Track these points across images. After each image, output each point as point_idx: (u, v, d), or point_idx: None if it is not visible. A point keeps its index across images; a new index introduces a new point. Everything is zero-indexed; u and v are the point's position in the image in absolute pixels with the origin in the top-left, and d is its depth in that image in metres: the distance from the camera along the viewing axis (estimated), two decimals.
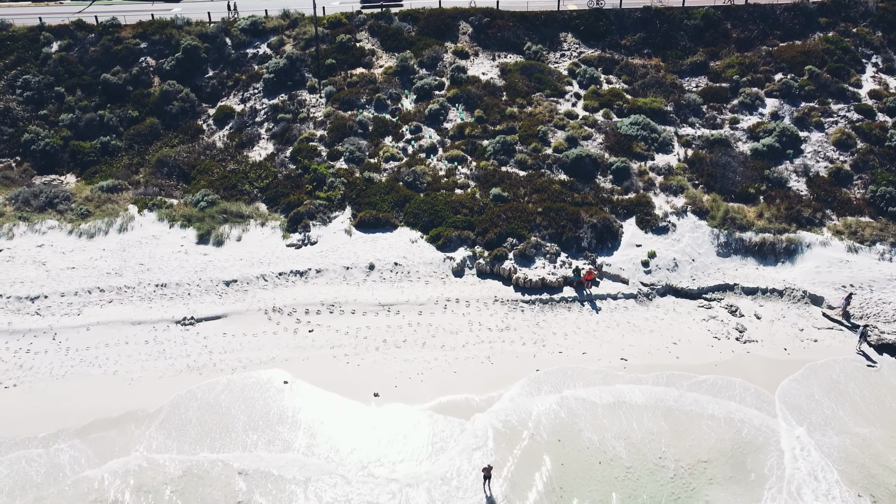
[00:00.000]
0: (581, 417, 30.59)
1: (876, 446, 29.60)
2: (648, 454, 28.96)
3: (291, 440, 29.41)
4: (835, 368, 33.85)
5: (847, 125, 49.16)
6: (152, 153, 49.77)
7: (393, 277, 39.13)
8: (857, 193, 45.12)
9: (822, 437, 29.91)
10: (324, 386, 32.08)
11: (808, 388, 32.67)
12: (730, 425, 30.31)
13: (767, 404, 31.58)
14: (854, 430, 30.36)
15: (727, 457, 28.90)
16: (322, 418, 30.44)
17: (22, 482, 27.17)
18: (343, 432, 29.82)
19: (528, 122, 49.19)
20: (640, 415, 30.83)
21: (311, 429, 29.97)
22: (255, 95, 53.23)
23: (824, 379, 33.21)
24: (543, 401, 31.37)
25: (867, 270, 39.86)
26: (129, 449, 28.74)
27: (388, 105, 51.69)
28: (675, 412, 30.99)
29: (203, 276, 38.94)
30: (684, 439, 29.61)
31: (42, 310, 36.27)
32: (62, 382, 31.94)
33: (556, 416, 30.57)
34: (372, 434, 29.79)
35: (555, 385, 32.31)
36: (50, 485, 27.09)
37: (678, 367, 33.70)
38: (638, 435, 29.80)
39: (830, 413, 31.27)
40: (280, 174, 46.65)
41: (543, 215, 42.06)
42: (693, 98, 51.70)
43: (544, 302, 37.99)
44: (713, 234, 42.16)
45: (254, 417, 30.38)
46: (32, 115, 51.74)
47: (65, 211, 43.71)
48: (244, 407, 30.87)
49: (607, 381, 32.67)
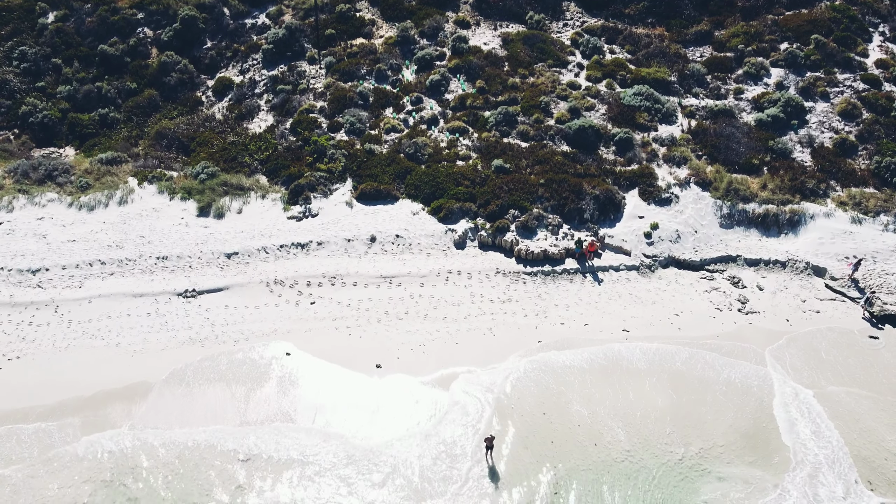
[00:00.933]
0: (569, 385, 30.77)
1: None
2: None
3: (292, 412, 29.49)
4: (819, 337, 34.07)
5: (853, 95, 48.60)
6: (151, 125, 49.38)
7: (394, 250, 39.02)
8: (862, 164, 44.76)
9: (812, 386, 30.29)
10: (326, 357, 32.11)
11: (799, 351, 33.21)
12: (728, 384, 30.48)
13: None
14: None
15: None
16: (324, 389, 30.52)
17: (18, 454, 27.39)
18: (345, 403, 29.90)
19: (531, 92, 48.67)
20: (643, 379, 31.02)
21: (312, 400, 30.03)
22: (254, 66, 52.66)
23: (812, 345, 33.63)
24: (543, 376, 31.41)
25: (871, 241, 39.69)
26: (130, 421, 28.84)
27: (389, 76, 51.14)
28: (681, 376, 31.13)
29: (204, 248, 38.84)
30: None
31: (43, 282, 36.24)
32: (65, 354, 32.00)
33: (547, 388, 30.69)
34: (374, 405, 29.87)
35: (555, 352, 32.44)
36: (43, 457, 27.24)
37: (680, 339, 33.70)
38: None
39: (817, 371, 31.80)
40: (280, 146, 46.31)
41: (546, 187, 41.80)
42: (697, 68, 51.07)
43: (546, 274, 37.92)
44: (716, 205, 41.92)
45: (255, 389, 30.44)
46: (30, 87, 51.27)
47: (64, 184, 43.48)
48: (246, 378, 30.94)
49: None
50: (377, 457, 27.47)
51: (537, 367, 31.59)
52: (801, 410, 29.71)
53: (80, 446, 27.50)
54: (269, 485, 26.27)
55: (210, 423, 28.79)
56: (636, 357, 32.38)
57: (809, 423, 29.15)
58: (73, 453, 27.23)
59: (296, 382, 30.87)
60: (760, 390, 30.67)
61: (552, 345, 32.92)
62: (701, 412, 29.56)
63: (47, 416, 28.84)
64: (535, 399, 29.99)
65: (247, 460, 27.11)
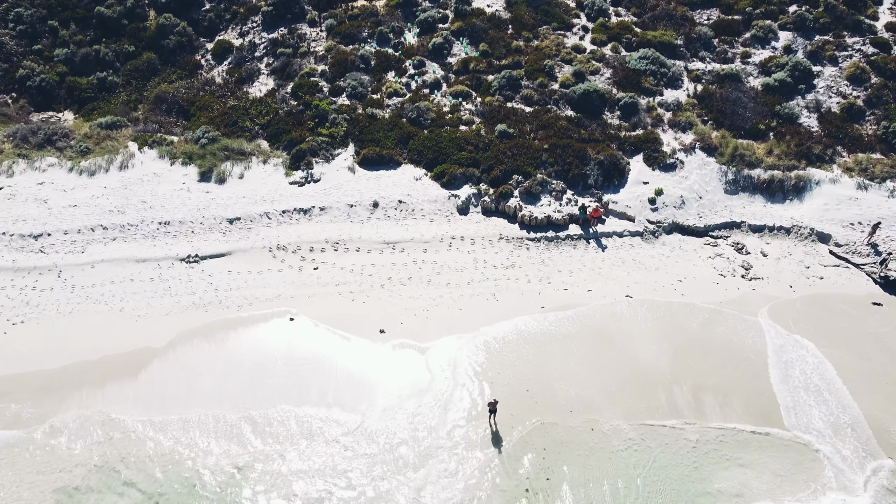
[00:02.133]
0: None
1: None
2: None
3: (297, 376, 29.59)
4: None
5: (862, 59, 47.87)
6: (150, 89, 48.80)
7: (397, 215, 38.83)
8: (870, 130, 44.27)
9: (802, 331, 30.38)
10: (330, 322, 32.13)
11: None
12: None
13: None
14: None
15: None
16: (328, 354, 30.59)
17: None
18: (350, 368, 30.01)
19: (535, 56, 47.96)
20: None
21: (317, 365, 30.12)
22: (253, 29, 51.83)
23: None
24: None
25: (876, 207, 39.45)
26: (133, 387, 28.99)
27: (391, 39, 50.35)
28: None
29: (206, 213, 38.66)
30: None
31: (46, 247, 36.15)
32: (69, 319, 32.04)
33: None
34: (378, 369, 29.98)
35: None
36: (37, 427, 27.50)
37: (683, 304, 33.72)
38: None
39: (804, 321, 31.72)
40: (281, 110, 45.80)
41: (549, 152, 41.42)
42: (704, 31, 50.24)
43: (550, 240, 37.78)
44: (721, 171, 41.59)
45: (259, 354, 30.51)
46: (26, 50, 50.55)
47: (64, 148, 43.11)
48: (251, 343, 31.00)
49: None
50: (380, 419, 27.66)
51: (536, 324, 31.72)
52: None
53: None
54: (277, 451, 26.50)
55: (214, 389, 28.90)
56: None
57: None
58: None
59: (300, 348, 30.89)
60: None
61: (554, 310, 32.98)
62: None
63: (47, 385, 28.84)
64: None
65: (247, 424, 27.29)
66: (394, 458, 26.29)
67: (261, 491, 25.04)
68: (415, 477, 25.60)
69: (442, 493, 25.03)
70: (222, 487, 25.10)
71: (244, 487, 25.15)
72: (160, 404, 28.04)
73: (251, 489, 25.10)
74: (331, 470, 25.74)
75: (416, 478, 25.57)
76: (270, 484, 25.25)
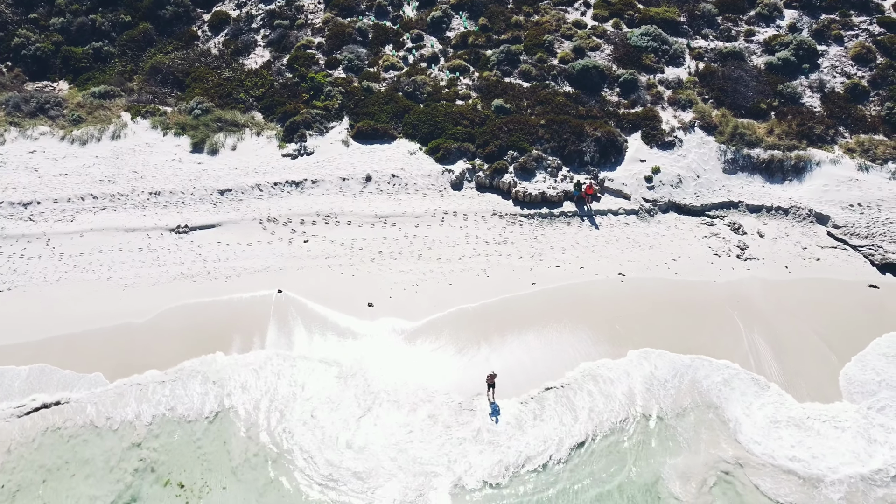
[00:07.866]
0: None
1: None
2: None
3: (284, 346, 29.41)
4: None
5: (868, 39, 46.94)
6: (146, 60, 48.25)
7: (390, 189, 38.42)
8: (873, 111, 43.48)
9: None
10: (318, 295, 31.88)
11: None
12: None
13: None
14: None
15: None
16: (316, 327, 30.35)
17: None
18: (337, 340, 29.79)
19: (534, 31, 47.20)
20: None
21: (305, 336, 29.91)
22: (250, 0, 51.11)
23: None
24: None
25: (877, 189, 38.82)
26: (124, 360, 28.88)
27: (389, 12, 49.63)
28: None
29: (197, 184, 38.32)
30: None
31: (35, 216, 35.92)
32: (56, 287, 31.87)
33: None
34: (365, 340, 29.77)
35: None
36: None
37: (676, 283, 33.32)
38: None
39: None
40: (276, 83, 45.24)
41: (546, 128, 40.83)
42: (708, 8, 49.32)
43: (543, 216, 37.34)
44: (720, 150, 40.95)
45: (246, 324, 30.30)
46: (22, 19, 49.93)
47: (57, 117, 42.74)
48: (238, 314, 30.76)
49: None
50: (366, 392, 27.52)
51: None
52: None
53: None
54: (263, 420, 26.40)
55: (194, 358, 28.73)
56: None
57: None
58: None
59: (287, 320, 30.68)
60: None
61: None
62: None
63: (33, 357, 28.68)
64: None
65: (227, 390, 27.19)
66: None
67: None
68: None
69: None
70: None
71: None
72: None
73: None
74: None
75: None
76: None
